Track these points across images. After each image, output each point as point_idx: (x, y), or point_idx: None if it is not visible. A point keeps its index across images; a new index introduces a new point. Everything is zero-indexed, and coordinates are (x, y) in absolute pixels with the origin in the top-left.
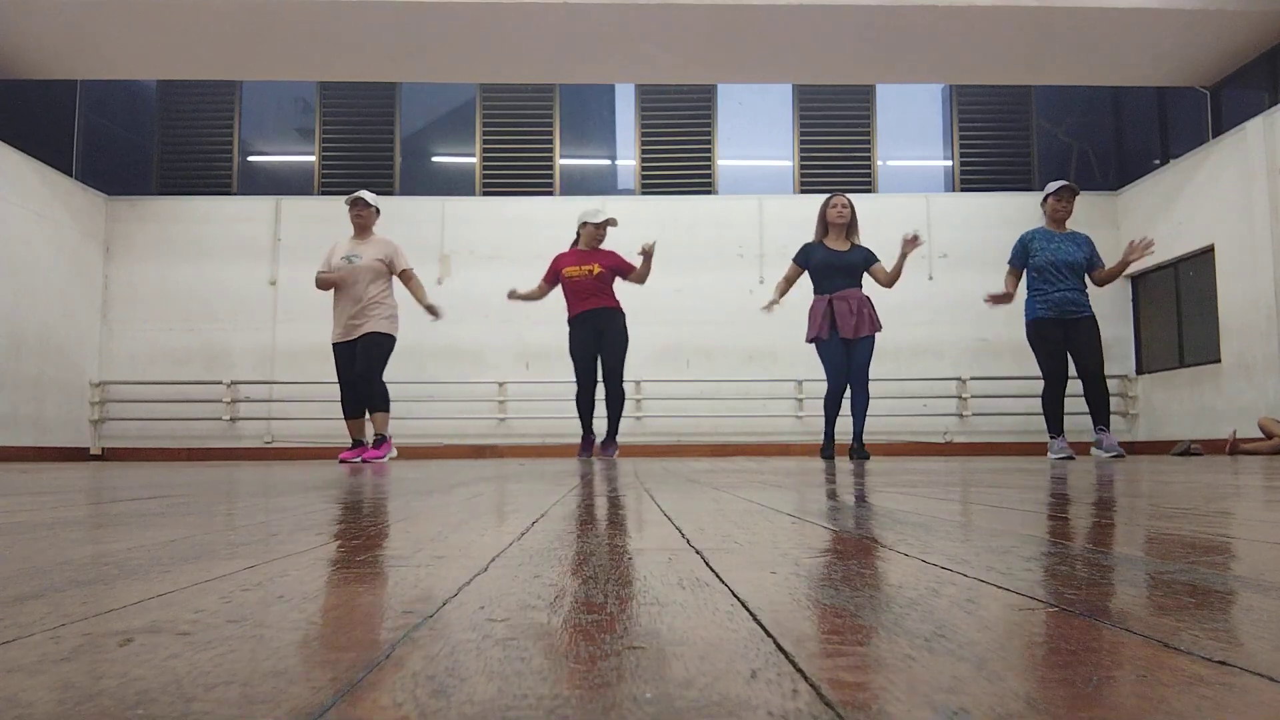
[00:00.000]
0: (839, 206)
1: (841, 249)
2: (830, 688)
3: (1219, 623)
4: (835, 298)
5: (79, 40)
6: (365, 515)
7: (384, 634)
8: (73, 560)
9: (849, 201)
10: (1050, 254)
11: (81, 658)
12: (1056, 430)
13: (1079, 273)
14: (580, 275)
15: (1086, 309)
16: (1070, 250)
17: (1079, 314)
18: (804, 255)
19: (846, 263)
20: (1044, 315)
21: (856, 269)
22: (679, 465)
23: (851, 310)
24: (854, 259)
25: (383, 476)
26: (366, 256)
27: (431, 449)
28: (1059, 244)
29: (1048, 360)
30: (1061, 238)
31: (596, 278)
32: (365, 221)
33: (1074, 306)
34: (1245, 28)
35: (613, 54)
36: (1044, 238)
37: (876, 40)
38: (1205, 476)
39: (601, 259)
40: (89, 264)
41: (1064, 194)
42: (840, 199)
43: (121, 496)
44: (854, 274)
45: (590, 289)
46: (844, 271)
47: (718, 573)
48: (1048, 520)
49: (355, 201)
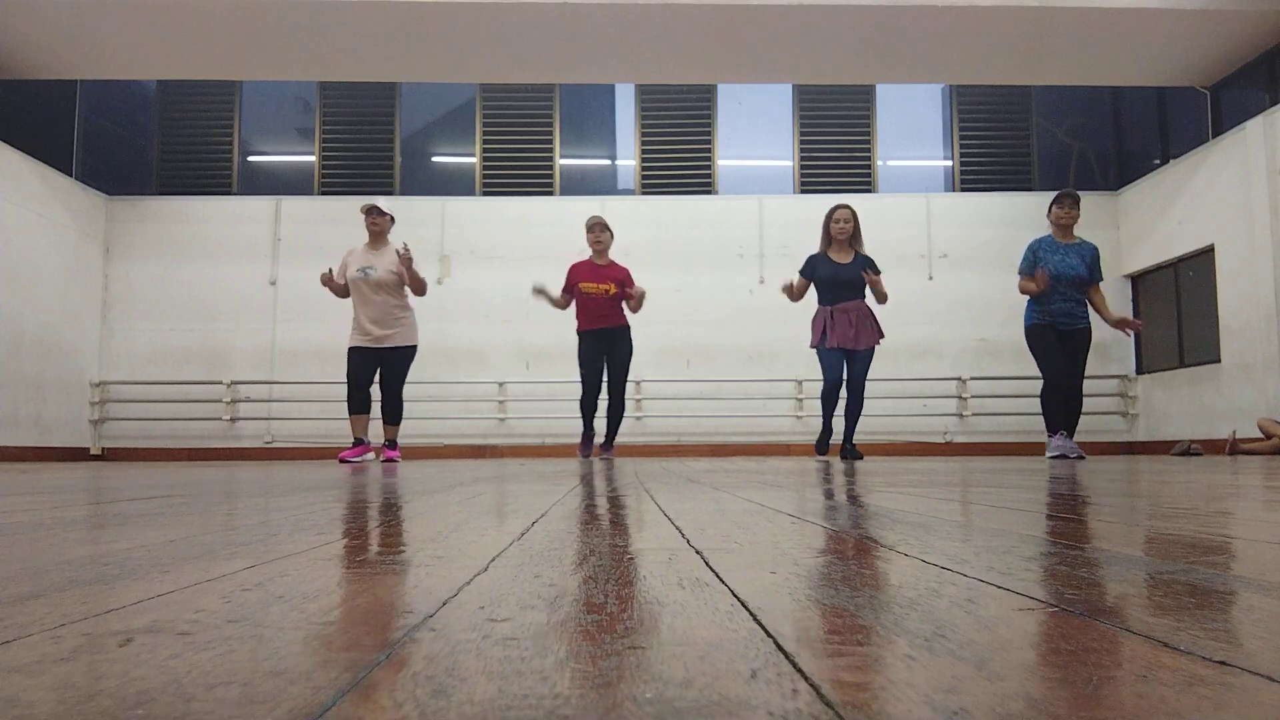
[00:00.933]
0: (841, 221)
1: (844, 261)
2: (830, 688)
3: (1219, 623)
4: (836, 310)
5: (79, 40)
6: (365, 515)
7: (384, 634)
8: (73, 560)
9: (852, 214)
10: (1053, 266)
11: (81, 658)
12: (1055, 428)
13: (1080, 286)
14: (597, 294)
15: (1082, 321)
16: (1073, 264)
17: (1074, 325)
18: (810, 267)
19: (849, 276)
20: (1039, 321)
21: (858, 282)
22: (679, 465)
23: (851, 323)
24: (857, 271)
25: (393, 476)
26: (381, 269)
27: (431, 449)
28: (1063, 256)
29: (1046, 361)
30: (1066, 249)
31: (612, 298)
32: (380, 229)
33: (1068, 319)
34: (1245, 28)
35: (613, 54)
36: (1049, 248)
37: (876, 40)
38: (1205, 476)
39: (616, 279)
40: (89, 264)
41: (1065, 201)
42: (843, 212)
43: (121, 496)
44: (856, 286)
45: (605, 308)
46: (846, 285)
47: (718, 573)
48: (1047, 520)
49: (370, 210)
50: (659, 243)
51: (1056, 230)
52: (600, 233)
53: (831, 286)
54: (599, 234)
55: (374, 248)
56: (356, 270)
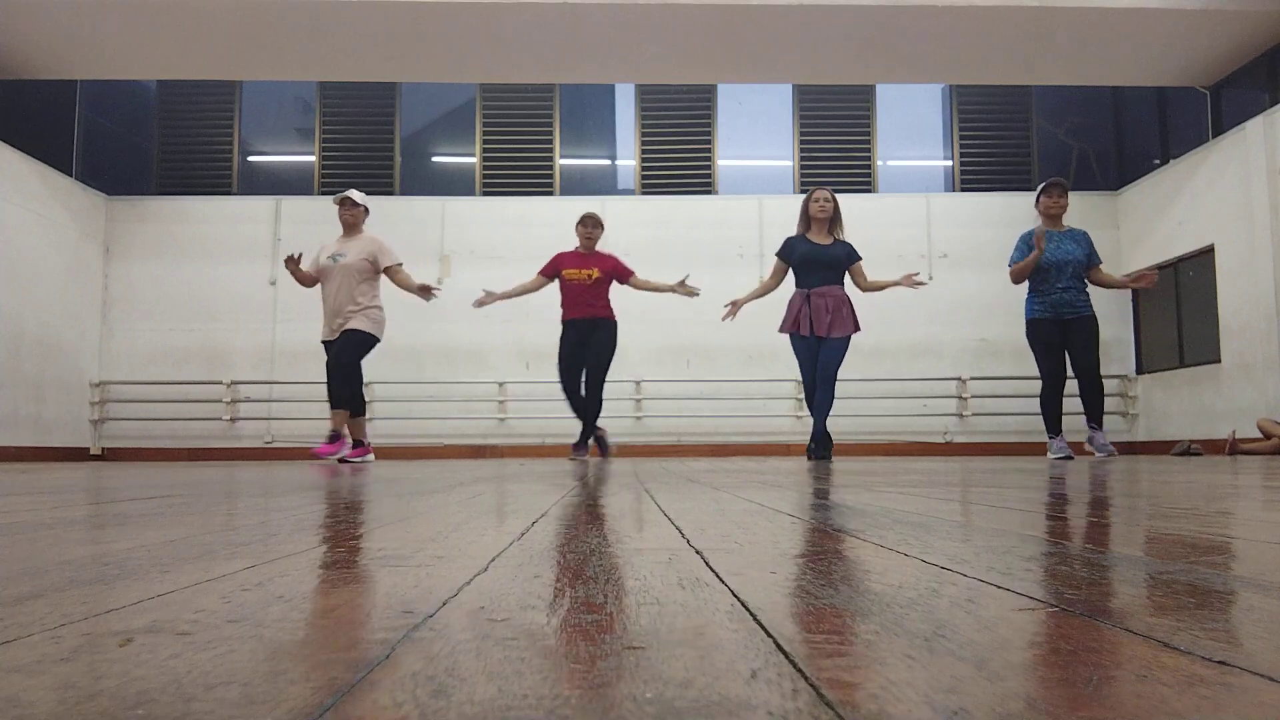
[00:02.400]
0: (821, 200)
1: (824, 243)
2: (830, 688)
3: (1219, 623)
4: (814, 294)
5: (79, 40)
6: (365, 515)
7: (384, 634)
8: (73, 560)
9: (832, 196)
10: (1050, 253)
11: (81, 658)
12: (1055, 430)
13: (1079, 272)
14: (579, 279)
15: (1085, 308)
16: (1070, 249)
17: (1077, 314)
18: (787, 248)
19: (828, 257)
20: (1041, 316)
21: (838, 264)
22: (679, 465)
23: (827, 308)
24: (836, 254)
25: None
26: (351, 255)
27: (431, 449)
28: (1058, 242)
29: (1045, 361)
30: (1060, 236)
31: (594, 283)
32: (354, 220)
33: (1071, 308)
34: (1245, 28)
35: (613, 54)
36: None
37: (876, 40)
38: (1205, 476)
39: (600, 263)
40: (89, 264)
41: (1053, 190)
42: (822, 192)
43: (121, 496)
44: (835, 269)
45: (586, 295)
46: (825, 266)
47: (718, 573)
48: (1047, 520)
49: (344, 200)
50: (659, 243)
51: (1046, 220)
52: (592, 228)
53: (809, 268)
54: (590, 229)
55: (347, 238)
56: (327, 257)
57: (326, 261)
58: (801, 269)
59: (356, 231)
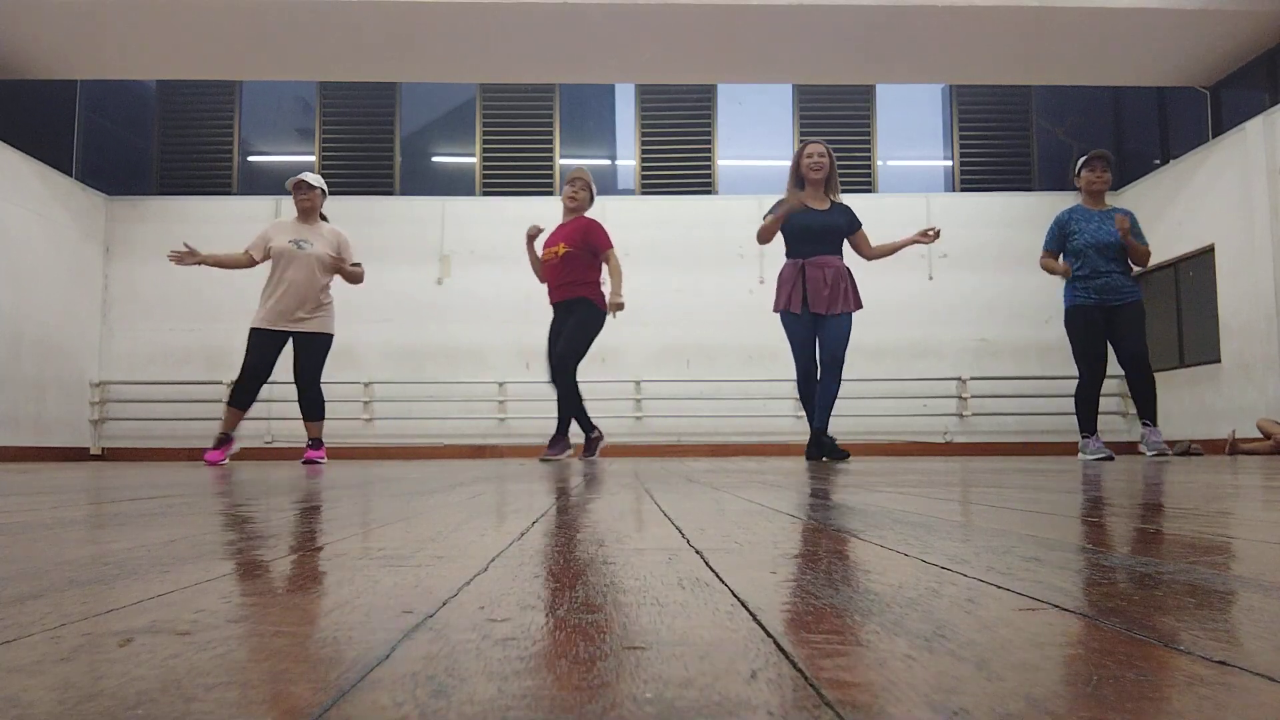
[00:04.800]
0: (814, 156)
1: (820, 208)
2: (830, 688)
3: (1219, 623)
4: (809, 264)
5: (79, 40)
6: (365, 515)
7: (384, 634)
8: (73, 560)
9: (827, 150)
10: (1090, 235)
11: (81, 658)
12: (1090, 429)
13: (1123, 255)
14: (548, 259)
15: (1133, 294)
16: (1111, 230)
17: (1123, 300)
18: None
19: (826, 225)
20: (1084, 302)
21: (838, 233)
22: (679, 465)
23: (826, 281)
24: (835, 221)
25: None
26: (319, 246)
27: (431, 449)
28: (1099, 223)
29: (1086, 352)
30: (1101, 215)
31: (563, 259)
32: (312, 204)
33: (1117, 294)
34: (1245, 28)
35: (613, 54)
36: (1083, 217)
37: (876, 40)
38: (1205, 476)
39: (570, 237)
40: (89, 264)
41: (1096, 164)
42: (816, 146)
43: (121, 496)
44: (834, 238)
45: (558, 275)
46: (822, 235)
47: (718, 572)
48: (1047, 520)
49: (299, 185)
50: (659, 243)
51: (1087, 198)
52: (578, 189)
53: (804, 236)
54: (575, 190)
55: (306, 224)
56: (289, 241)
57: (288, 245)
58: (794, 238)
59: (313, 217)
